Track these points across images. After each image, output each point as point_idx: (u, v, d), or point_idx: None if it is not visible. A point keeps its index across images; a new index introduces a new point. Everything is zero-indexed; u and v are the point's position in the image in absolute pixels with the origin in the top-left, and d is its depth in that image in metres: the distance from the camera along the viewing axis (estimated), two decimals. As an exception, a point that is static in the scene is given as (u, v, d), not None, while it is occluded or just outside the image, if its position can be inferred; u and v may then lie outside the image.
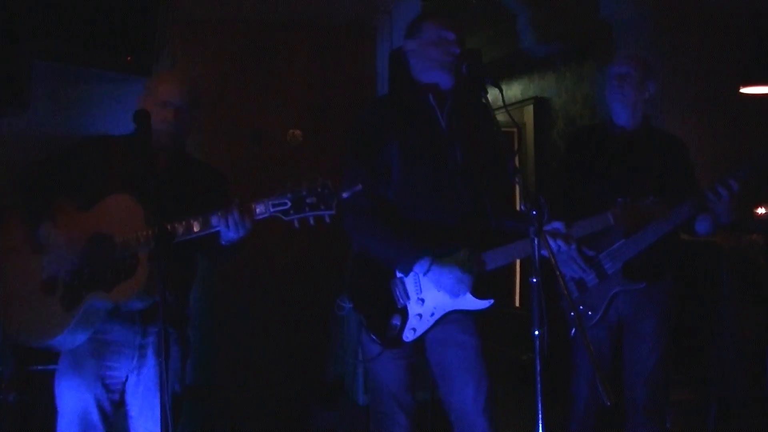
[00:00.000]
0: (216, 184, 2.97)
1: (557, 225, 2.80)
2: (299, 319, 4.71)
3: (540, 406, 2.31)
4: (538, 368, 2.31)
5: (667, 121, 4.73)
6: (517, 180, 2.50)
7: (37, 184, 2.75)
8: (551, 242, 2.73)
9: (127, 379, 2.79)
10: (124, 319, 2.71)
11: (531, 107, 7.11)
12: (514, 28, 6.61)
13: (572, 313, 3.27)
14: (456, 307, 2.79)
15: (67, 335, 2.63)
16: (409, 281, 2.79)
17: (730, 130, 5.02)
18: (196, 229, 2.57)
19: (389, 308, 2.78)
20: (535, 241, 2.38)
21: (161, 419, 2.27)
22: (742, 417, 4.20)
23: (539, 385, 2.31)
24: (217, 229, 2.57)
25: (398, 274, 2.80)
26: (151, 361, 2.77)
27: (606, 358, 3.43)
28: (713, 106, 5.08)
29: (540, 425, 2.31)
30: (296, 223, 2.52)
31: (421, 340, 2.83)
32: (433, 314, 2.78)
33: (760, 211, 4.83)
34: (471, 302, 2.78)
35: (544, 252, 2.40)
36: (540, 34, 6.38)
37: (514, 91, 7.35)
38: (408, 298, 2.78)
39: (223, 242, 2.66)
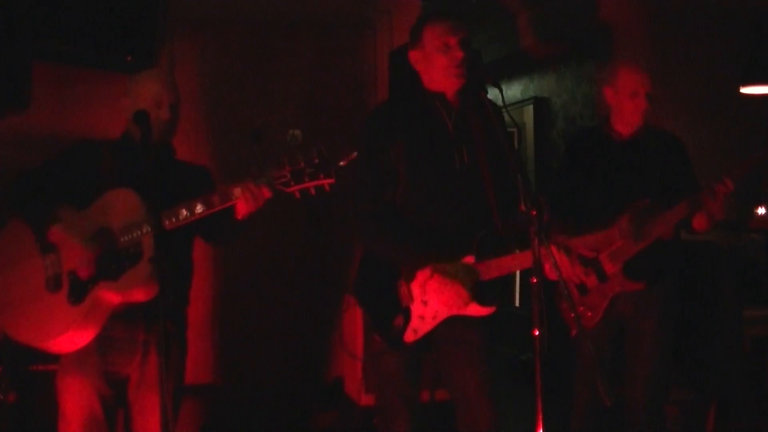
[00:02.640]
0: (203, 179, 2.97)
1: (560, 238, 2.78)
2: (299, 319, 4.71)
3: (540, 406, 2.31)
4: (538, 368, 2.31)
5: (667, 121, 4.72)
6: (517, 180, 2.50)
7: (39, 189, 2.75)
8: (558, 255, 2.69)
9: (129, 377, 2.79)
10: (128, 315, 2.70)
11: (531, 107, 7.11)
12: (514, 28, 6.61)
13: (573, 315, 3.27)
14: (458, 312, 2.78)
15: (76, 331, 2.62)
16: (415, 282, 2.79)
17: (730, 130, 5.02)
18: (217, 202, 2.58)
19: (393, 308, 2.80)
20: (536, 241, 2.39)
21: (161, 418, 2.26)
22: (742, 417, 4.20)
23: (539, 385, 2.31)
24: (235, 201, 2.58)
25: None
26: (154, 358, 2.76)
27: (606, 358, 3.43)
28: (713, 106, 5.08)
29: (540, 425, 2.31)
30: (297, 194, 2.52)
31: (425, 337, 2.83)
32: (435, 317, 2.79)
33: (760, 211, 4.83)
34: (473, 309, 2.78)
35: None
36: (540, 34, 6.37)
37: (514, 91, 7.35)
38: (412, 299, 2.79)
39: (240, 216, 2.65)
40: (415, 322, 2.78)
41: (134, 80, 2.88)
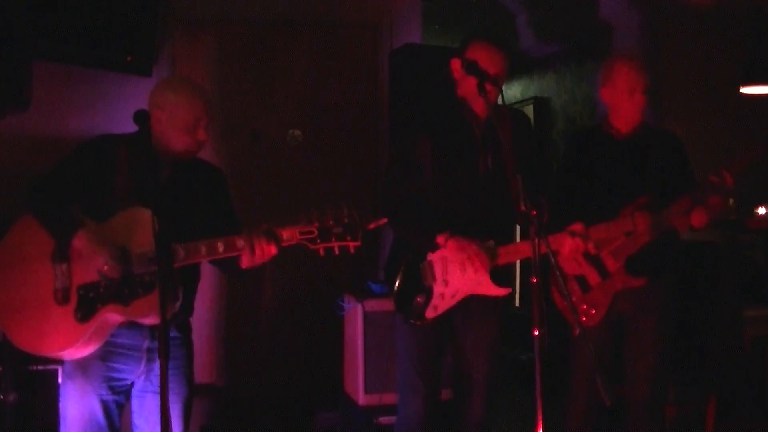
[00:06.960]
0: (216, 183, 2.96)
1: (577, 226, 2.96)
2: (300, 319, 4.72)
3: (540, 406, 2.32)
4: (538, 368, 2.32)
5: (667, 121, 4.73)
6: (517, 180, 2.51)
7: (59, 195, 2.66)
8: (570, 240, 2.92)
9: (133, 384, 2.76)
10: (133, 323, 2.67)
11: (531, 107, 7.11)
12: (514, 28, 6.61)
13: (573, 313, 3.27)
14: (476, 292, 2.99)
15: (79, 347, 2.60)
16: (437, 264, 3.00)
17: (730, 130, 5.02)
18: (220, 250, 2.54)
19: (416, 286, 3.02)
20: (535, 241, 2.40)
21: (161, 420, 2.26)
22: (742, 416, 4.21)
23: (539, 385, 2.31)
24: (240, 252, 2.54)
25: (428, 257, 3.01)
26: (158, 365, 2.73)
27: (606, 356, 3.42)
28: (713, 106, 5.08)
29: (540, 425, 2.32)
30: (321, 251, 2.52)
31: (447, 320, 3.05)
32: (454, 296, 2.99)
33: (760, 211, 4.83)
34: (490, 288, 2.97)
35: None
36: (540, 34, 6.38)
37: (514, 91, 7.35)
38: (434, 279, 3.00)
39: (244, 266, 2.61)
40: (435, 299, 2.99)
41: (172, 92, 2.76)
